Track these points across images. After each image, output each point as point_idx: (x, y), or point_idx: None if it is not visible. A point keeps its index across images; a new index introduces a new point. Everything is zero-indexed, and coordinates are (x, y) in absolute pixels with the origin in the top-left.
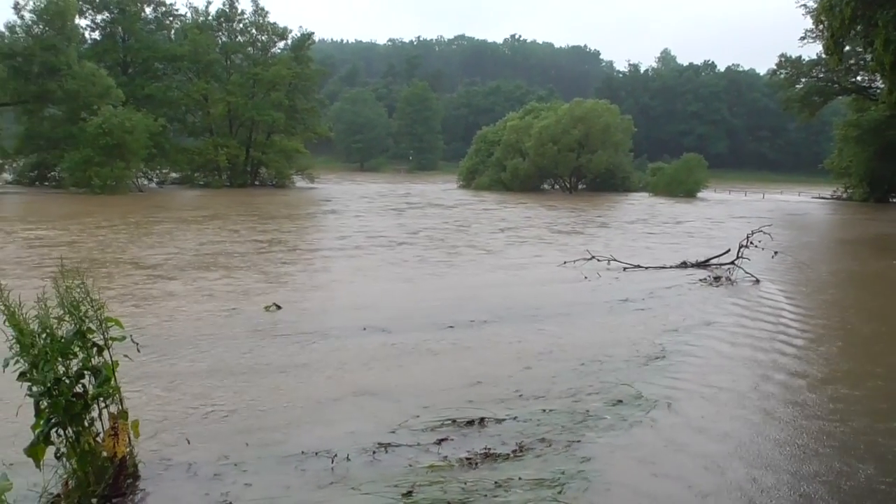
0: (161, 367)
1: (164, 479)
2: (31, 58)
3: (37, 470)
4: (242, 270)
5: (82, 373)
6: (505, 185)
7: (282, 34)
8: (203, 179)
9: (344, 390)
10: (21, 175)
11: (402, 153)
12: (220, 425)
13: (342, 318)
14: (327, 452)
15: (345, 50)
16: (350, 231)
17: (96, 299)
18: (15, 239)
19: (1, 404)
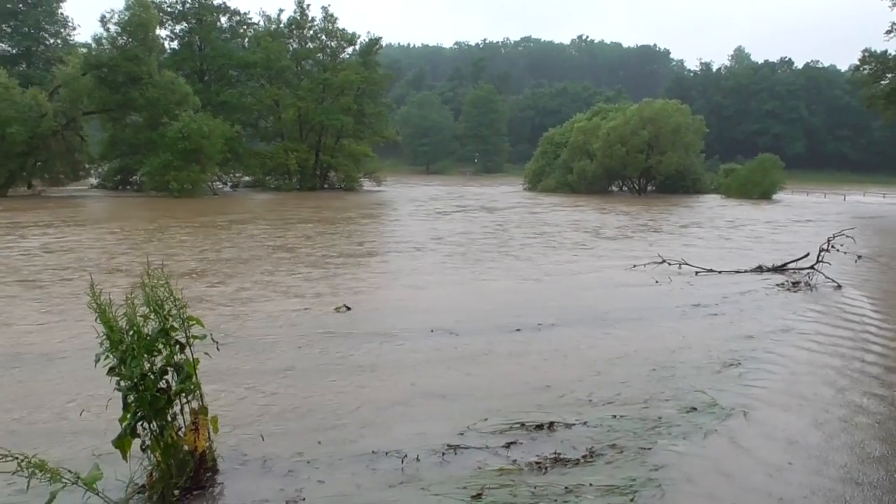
0: (236, 365)
1: (240, 474)
2: (116, 68)
3: (123, 461)
4: (312, 271)
5: (166, 369)
6: (572, 187)
7: (350, 40)
8: (274, 183)
9: (413, 391)
10: (106, 179)
11: (467, 156)
12: (293, 423)
13: (409, 319)
14: (397, 452)
15: (412, 54)
16: (416, 233)
17: (179, 299)
18: (102, 238)
19: (92, 398)
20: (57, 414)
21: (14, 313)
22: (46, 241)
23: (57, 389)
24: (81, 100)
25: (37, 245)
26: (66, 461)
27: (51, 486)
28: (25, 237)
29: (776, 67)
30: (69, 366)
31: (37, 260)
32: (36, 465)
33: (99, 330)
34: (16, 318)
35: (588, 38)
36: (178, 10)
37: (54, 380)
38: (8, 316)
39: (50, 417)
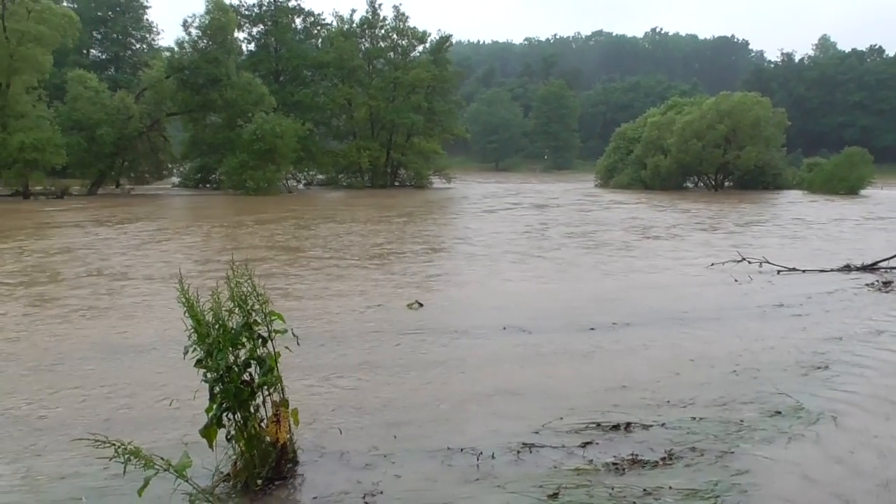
0: (312, 360)
1: (319, 466)
2: (197, 70)
3: (209, 450)
4: (384, 268)
5: (249, 362)
6: (645, 183)
7: (421, 38)
8: (346, 181)
9: (486, 389)
10: (186, 178)
11: (537, 152)
12: (369, 417)
13: (481, 317)
14: (472, 449)
15: (481, 51)
16: (485, 230)
17: (261, 294)
18: (187, 234)
19: (180, 389)
20: (148, 403)
21: (105, 306)
22: (134, 235)
23: (147, 380)
24: (165, 102)
25: (126, 240)
26: (156, 448)
27: (144, 472)
28: (117, 232)
29: (865, 56)
30: (157, 357)
31: (125, 254)
32: (131, 451)
33: (187, 323)
34: (107, 310)
35: (662, 31)
36: (255, 13)
37: (144, 370)
38: (100, 309)
39: (141, 406)
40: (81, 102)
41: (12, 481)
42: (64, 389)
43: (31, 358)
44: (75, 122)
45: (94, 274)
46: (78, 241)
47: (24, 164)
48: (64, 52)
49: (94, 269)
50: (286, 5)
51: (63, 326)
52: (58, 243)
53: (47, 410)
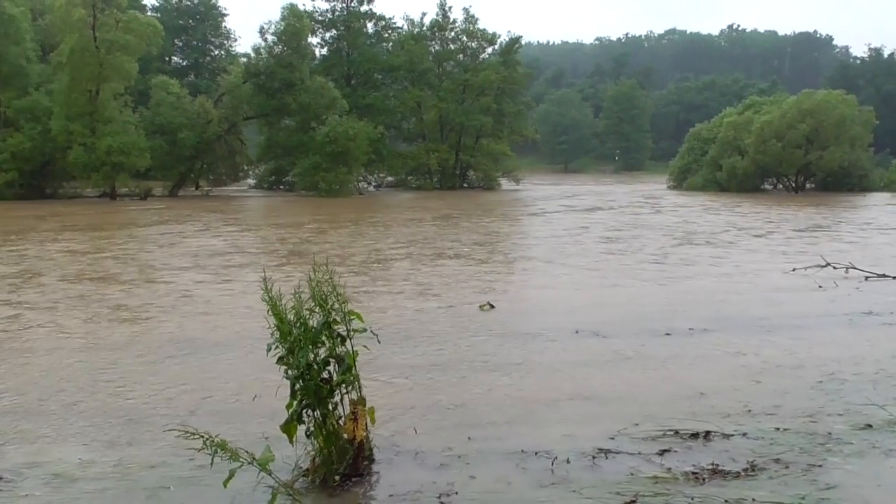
0: (386, 359)
1: (395, 464)
2: (272, 75)
3: (289, 445)
4: (454, 269)
5: (328, 360)
6: (720, 185)
7: (491, 40)
8: (415, 182)
9: (560, 392)
10: (262, 180)
11: (607, 153)
12: (443, 418)
13: (554, 319)
14: (547, 453)
15: (551, 52)
16: (556, 232)
17: (341, 294)
18: (266, 234)
19: (259, 384)
20: (229, 397)
21: (186, 303)
22: (216, 236)
23: (229, 375)
24: (242, 106)
25: (208, 240)
26: (237, 442)
27: (230, 464)
28: (199, 233)
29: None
30: (239, 353)
31: (207, 254)
32: (218, 444)
33: (270, 322)
34: (188, 306)
35: (739, 28)
36: (328, 19)
37: (226, 366)
38: (181, 305)
39: (223, 400)
40: (164, 107)
41: (105, 468)
42: (151, 382)
43: (119, 351)
44: (158, 126)
45: (180, 270)
46: (165, 239)
47: (111, 166)
48: (148, 60)
49: (180, 265)
50: (358, 10)
51: (149, 321)
52: (150, 240)
53: (137, 402)
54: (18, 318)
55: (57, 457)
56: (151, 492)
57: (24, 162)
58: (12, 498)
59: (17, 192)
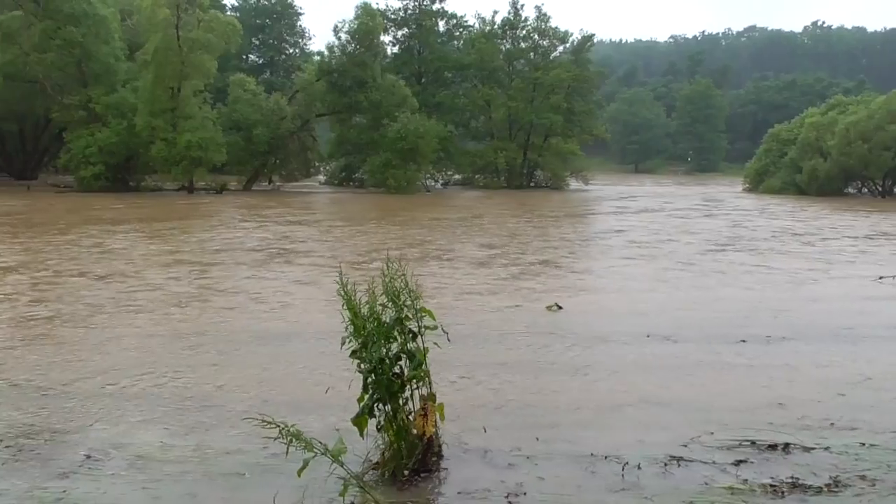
0: (454, 357)
1: (463, 462)
2: (345, 73)
3: (359, 438)
4: (521, 268)
5: (400, 356)
6: (800, 188)
7: (563, 38)
8: (482, 181)
9: (630, 397)
10: (332, 176)
11: (680, 154)
12: (511, 418)
13: (623, 323)
14: (617, 458)
15: (623, 50)
16: (625, 232)
17: (413, 290)
18: (337, 229)
19: (333, 377)
20: (301, 388)
21: (261, 295)
22: (291, 231)
23: (302, 366)
24: (315, 103)
25: (284, 234)
26: (307, 433)
27: (304, 454)
28: (275, 227)
29: None
30: (310, 345)
31: (283, 247)
32: (294, 434)
33: (345, 316)
34: (263, 298)
35: (824, 24)
36: (400, 17)
37: (298, 357)
38: (256, 297)
39: (296, 391)
40: (241, 104)
41: (185, 452)
42: (227, 370)
43: (197, 339)
44: (234, 122)
45: (256, 263)
46: (242, 233)
47: (190, 161)
48: (227, 58)
49: (257, 258)
50: (430, 8)
51: (227, 311)
52: (229, 232)
53: (213, 389)
54: (102, 307)
55: (140, 439)
56: (228, 478)
57: (111, 155)
58: (100, 476)
59: (104, 184)
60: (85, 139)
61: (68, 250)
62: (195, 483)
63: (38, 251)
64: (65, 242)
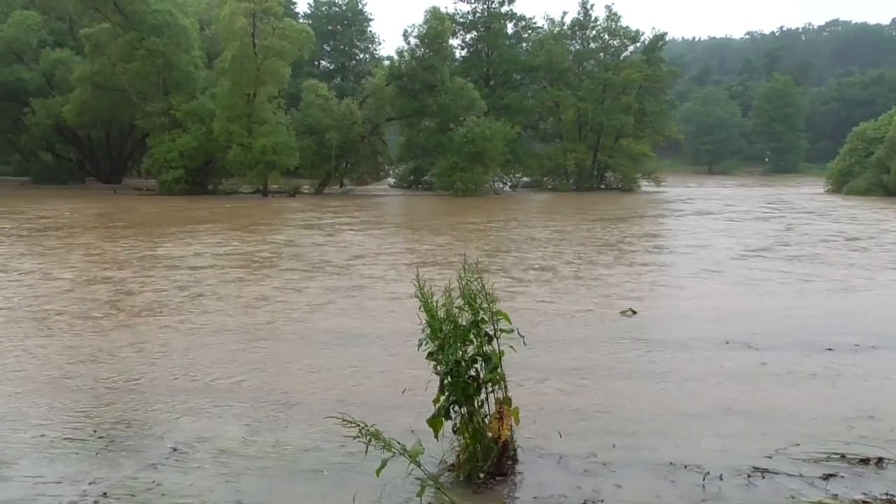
0: (528, 361)
1: (538, 466)
2: (414, 77)
3: (434, 439)
4: (592, 271)
5: (476, 358)
6: (887, 189)
7: (634, 38)
8: (551, 183)
9: (709, 405)
10: (401, 179)
11: (756, 154)
12: (587, 423)
13: (700, 328)
14: (697, 467)
15: (696, 48)
16: (699, 235)
17: (489, 293)
18: (412, 233)
19: (407, 378)
20: (376, 389)
21: (337, 296)
22: (364, 233)
23: (377, 367)
24: (385, 108)
25: (358, 237)
26: (382, 433)
27: (382, 454)
28: (349, 230)
29: None
30: (385, 346)
31: (357, 250)
32: (373, 434)
33: (422, 318)
34: (339, 299)
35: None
36: (468, 20)
37: (374, 358)
38: (333, 298)
39: (371, 391)
40: (313, 109)
41: (265, 448)
42: (305, 369)
43: (275, 338)
44: (307, 127)
45: (332, 264)
46: (318, 236)
47: (265, 165)
48: (300, 64)
49: (332, 261)
50: (499, 11)
51: (303, 312)
52: (304, 235)
53: (292, 387)
54: (184, 306)
55: (223, 433)
56: (307, 474)
57: (190, 160)
58: (186, 468)
59: (183, 187)
60: (166, 144)
61: (159, 250)
62: (276, 479)
63: (131, 250)
64: (164, 242)
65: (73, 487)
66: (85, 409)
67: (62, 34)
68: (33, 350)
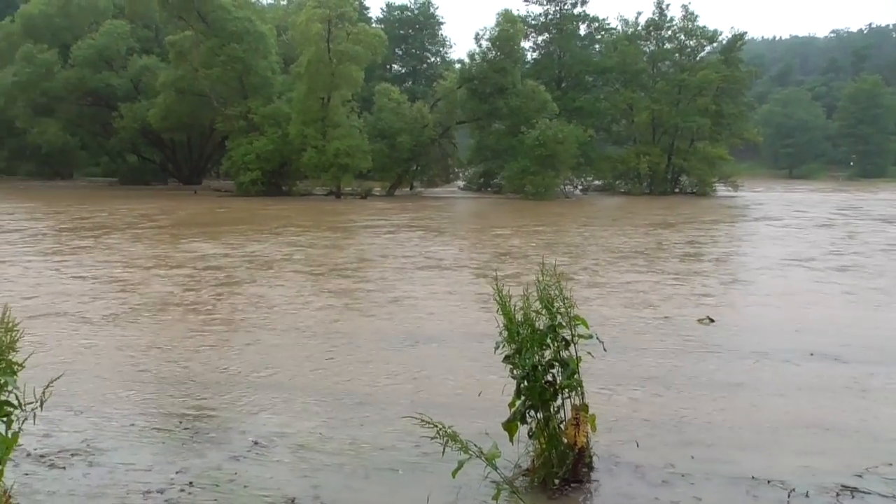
0: (603, 368)
1: (614, 475)
2: (485, 80)
3: (508, 443)
4: (667, 278)
5: (553, 363)
6: None
7: (711, 37)
8: (624, 187)
9: (795, 419)
10: (470, 182)
11: (841, 158)
12: (663, 433)
13: (782, 339)
14: (782, 483)
15: (777, 47)
16: (780, 243)
17: (567, 298)
18: (484, 236)
19: (476, 381)
20: (448, 391)
21: (409, 298)
22: (436, 236)
23: (448, 369)
24: (455, 110)
25: (428, 239)
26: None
27: (458, 455)
28: (420, 233)
29: None
30: (457, 349)
31: (428, 252)
32: (450, 435)
33: (499, 321)
34: (411, 302)
35: None
36: (540, 22)
37: (446, 360)
38: (404, 300)
39: (443, 393)
40: (385, 113)
41: (342, 445)
42: (378, 369)
43: (350, 338)
44: (379, 130)
45: (412, 266)
46: (390, 238)
47: (338, 167)
48: (372, 68)
49: (395, 264)
50: (572, 12)
51: (378, 312)
52: (378, 237)
53: (366, 386)
54: (262, 304)
55: (301, 429)
56: (382, 472)
57: (266, 162)
58: (266, 461)
59: (259, 189)
60: (244, 147)
61: (249, 247)
62: (352, 475)
63: (220, 248)
64: (264, 241)
65: (161, 475)
66: (171, 401)
67: (149, 42)
68: (123, 345)
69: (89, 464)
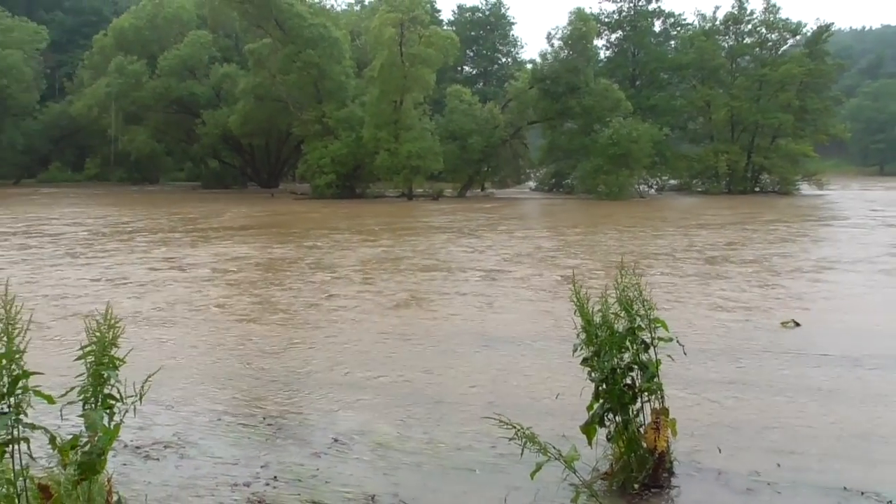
0: (685, 372)
1: (695, 481)
2: (557, 79)
3: (586, 446)
4: (748, 279)
5: (632, 366)
6: None
7: (794, 30)
8: (701, 186)
9: (888, 428)
10: (542, 182)
11: None
12: (746, 439)
13: (873, 344)
14: (876, 495)
15: (866, 38)
16: (869, 245)
17: (647, 300)
18: (559, 235)
19: (553, 383)
20: (525, 393)
21: (481, 299)
22: (510, 236)
23: (525, 370)
24: (527, 111)
25: (504, 239)
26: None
27: (537, 457)
28: (495, 233)
29: None
30: (534, 350)
31: (503, 253)
32: (529, 436)
33: (576, 323)
34: (486, 303)
35: None
36: (614, 20)
37: (522, 361)
38: (476, 301)
39: (520, 395)
40: (457, 114)
41: (419, 445)
42: (454, 370)
43: (424, 339)
44: (451, 132)
45: (477, 268)
46: (464, 239)
47: (410, 169)
48: (443, 70)
49: (476, 265)
50: (646, 9)
51: (452, 314)
52: (448, 238)
53: (442, 387)
54: (338, 304)
55: (379, 428)
56: (460, 472)
57: (341, 165)
58: (346, 458)
59: (334, 191)
60: (319, 151)
61: (333, 251)
62: (430, 474)
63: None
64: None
65: (247, 469)
66: (255, 397)
67: (229, 50)
68: (208, 343)
69: (181, 456)
